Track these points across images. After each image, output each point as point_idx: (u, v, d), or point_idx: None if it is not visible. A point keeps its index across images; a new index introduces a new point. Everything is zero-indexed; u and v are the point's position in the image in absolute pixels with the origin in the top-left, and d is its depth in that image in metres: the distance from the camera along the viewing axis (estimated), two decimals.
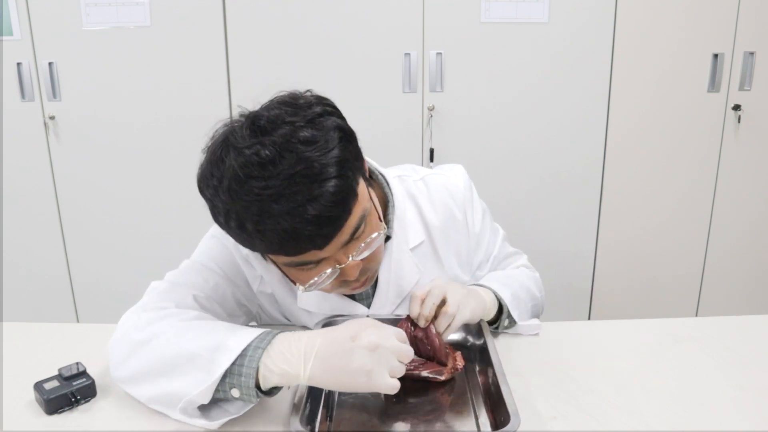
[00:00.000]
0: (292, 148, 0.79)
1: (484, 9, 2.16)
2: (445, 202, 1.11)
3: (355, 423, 0.85)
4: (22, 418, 0.86)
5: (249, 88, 2.21)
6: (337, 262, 0.87)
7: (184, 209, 2.32)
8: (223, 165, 0.81)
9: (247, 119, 0.84)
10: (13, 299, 2.41)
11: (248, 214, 0.79)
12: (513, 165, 2.31)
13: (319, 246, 0.83)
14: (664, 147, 2.34)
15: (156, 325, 0.88)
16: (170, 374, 0.83)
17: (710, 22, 2.20)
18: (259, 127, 0.82)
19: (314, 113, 0.84)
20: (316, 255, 0.84)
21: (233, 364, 0.79)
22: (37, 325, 1.15)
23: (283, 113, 0.83)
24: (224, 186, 0.81)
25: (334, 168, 0.80)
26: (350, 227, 0.85)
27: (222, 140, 0.85)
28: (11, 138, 2.24)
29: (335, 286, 0.93)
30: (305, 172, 0.78)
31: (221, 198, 0.82)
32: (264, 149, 0.79)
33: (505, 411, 0.80)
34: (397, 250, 1.06)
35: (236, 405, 0.84)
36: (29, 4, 2.11)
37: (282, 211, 0.78)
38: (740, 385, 0.93)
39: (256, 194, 0.78)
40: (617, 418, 0.85)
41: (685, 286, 2.50)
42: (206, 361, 0.80)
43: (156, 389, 0.84)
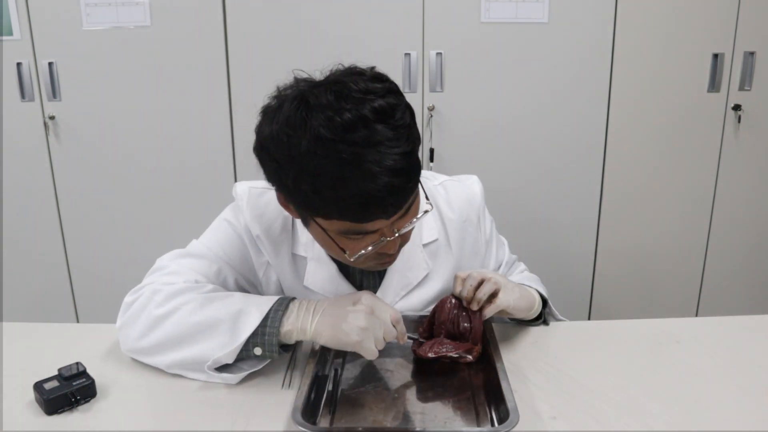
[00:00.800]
0: (372, 114, 0.81)
1: (484, 9, 2.16)
2: (462, 206, 1.15)
3: (357, 418, 0.86)
4: (22, 418, 0.86)
5: (249, 88, 2.21)
6: (383, 234, 0.90)
7: (184, 209, 2.32)
8: (304, 126, 0.82)
9: (329, 84, 0.85)
10: (13, 299, 2.41)
11: (327, 177, 0.81)
12: (513, 165, 2.31)
13: (388, 215, 0.86)
14: (664, 147, 2.33)
15: (176, 299, 0.95)
16: (194, 340, 0.92)
17: (710, 22, 2.20)
18: (344, 94, 0.83)
19: (392, 85, 0.88)
20: (376, 225, 0.87)
21: (258, 326, 0.90)
22: (37, 325, 1.15)
23: (365, 81, 0.85)
24: (303, 147, 0.81)
25: (410, 140, 0.84)
26: (410, 201, 0.89)
27: (301, 103, 0.84)
28: (11, 138, 2.24)
29: (371, 256, 0.94)
30: (387, 141, 0.81)
31: (297, 159, 0.82)
32: (347, 113, 0.81)
33: (504, 408, 0.81)
34: (409, 244, 1.06)
35: (251, 362, 0.94)
36: (29, 4, 2.11)
37: (362, 177, 0.80)
38: (740, 385, 0.93)
39: (338, 158, 0.80)
40: (617, 418, 0.85)
41: (685, 286, 2.50)
42: (229, 326, 0.91)
43: (180, 355, 0.93)
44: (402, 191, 0.85)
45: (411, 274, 1.10)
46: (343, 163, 0.80)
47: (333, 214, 0.86)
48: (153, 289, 0.98)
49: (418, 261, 1.10)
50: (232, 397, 0.90)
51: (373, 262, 0.98)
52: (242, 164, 2.29)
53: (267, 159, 0.88)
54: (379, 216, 0.85)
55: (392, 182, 0.82)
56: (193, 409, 0.88)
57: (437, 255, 1.12)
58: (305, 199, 0.86)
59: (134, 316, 0.97)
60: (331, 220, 0.87)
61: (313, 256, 1.08)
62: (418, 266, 1.11)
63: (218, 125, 2.25)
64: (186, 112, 2.24)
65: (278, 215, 1.08)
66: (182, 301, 0.95)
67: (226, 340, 0.90)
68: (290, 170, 0.84)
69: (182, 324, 0.93)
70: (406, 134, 0.84)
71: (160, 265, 1.05)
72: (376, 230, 0.89)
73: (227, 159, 2.29)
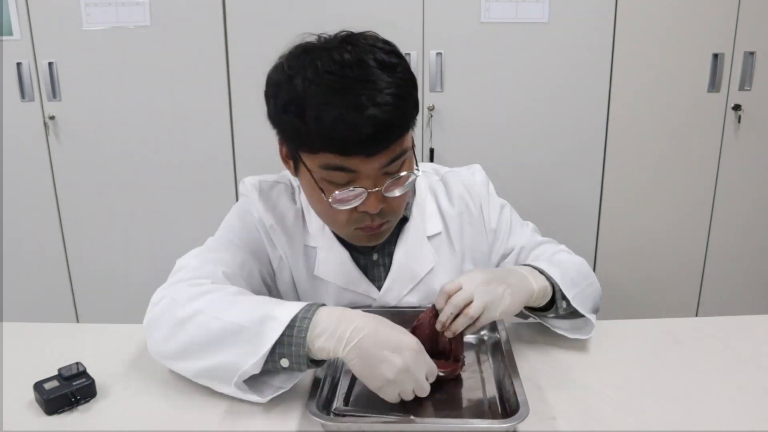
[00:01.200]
0: (373, 62, 0.87)
1: (484, 9, 2.16)
2: (461, 197, 1.15)
3: (371, 411, 0.86)
4: (22, 418, 0.86)
5: (249, 87, 2.20)
6: (365, 186, 0.91)
7: (184, 209, 2.32)
8: (306, 57, 0.89)
9: (341, 34, 0.93)
10: (13, 299, 2.41)
11: (314, 102, 0.85)
12: (513, 164, 2.31)
13: (368, 152, 0.88)
14: (664, 147, 2.33)
15: (198, 300, 0.90)
16: (217, 348, 0.86)
17: (710, 21, 2.20)
18: (350, 40, 0.91)
19: (398, 51, 0.93)
20: (358, 165, 0.89)
21: (282, 335, 0.83)
22: (37, 325, 1.15)
23: (376, 37, 0.93)
24: (299, 77, 0.87)
25: (401, 88, 0.88)
26: (395, 151, 0.91)
27: (308, 44, 0.92)
28: (11, 138, 2.24)
29: (353, 218, 0.95)
30: (380, 82, 0.86)
31: (292, 87, 0.88)
32: (347, 54, 0.87)
33: (515, 401, 0.83)
34: (414, 235, 1.10)
35: (281, 377, 0.88)
36: (29, 4, 2.11)
37: (347, 105, 0.84)
38: (740, 385, 0.93)
39: (329, 86, 0.85)
40: (617, 418, 0.85)
41: (685, 286, 2.50)
42: (254, 333, 0.83)
43: (204, 363, 0.87)
44: (385, 128, 0.86)
45: (417, 266, 1.10)
46: (333, 91, 0.85)
47: (316, 142, 0.88)
48: (177, 289, 0.94)
49: (424, 253, 1.11)
50: (233, 397, 0.90)
51: (358, 231, 0.98)
52: (242, 164, 2.29)
53: (268, 92, 0.93)
54: (359, 150, 0.87)
55: (376, 115, 0.85)
56: (193, 409, 0.88)
57: (440, 249, 1.13)
58: (294, 128, 0.89)
59: (159, 317, 0.92)
60: (317, 154, 0.89)
61: (324, 245, 1.09)
62: (424, 258, 1.11)
63: (218, 125, 2.25)
64: (186, 112, 2.24)
65: (289, 207, 1.10)
66: (205, 303, 0.89)
67: (250, 349, 0.83)
68: (284, 96, 0.89)
69: (204, 328, 0.87)
70: (402, 86, 0.88)
71: (182, 265, 1.01)
72: (357, 177, 0.90)
73: (227, 159, 2.29)
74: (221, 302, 0.89)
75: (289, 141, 0.94)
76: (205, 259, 1.01)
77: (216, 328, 0.86)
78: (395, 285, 1.10)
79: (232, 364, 0.84)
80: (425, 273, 1.11)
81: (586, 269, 1.13)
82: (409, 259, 1.10)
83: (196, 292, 0.92)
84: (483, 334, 1.07)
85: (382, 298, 1.10)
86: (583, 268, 1.13)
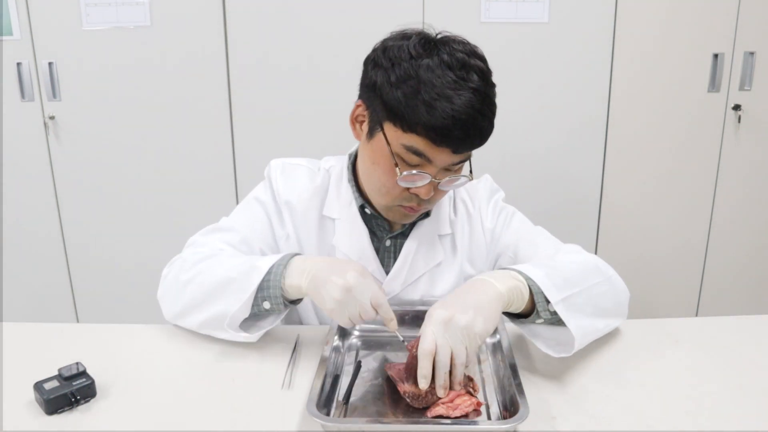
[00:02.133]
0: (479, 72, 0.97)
1: (484, 9, 2.16)
2: (463, 201, 1.20)
3: (370, 411, 0.87)
4: (22, 418, 0.86)
5: (249, 88, 2.21)
6: (432, 175, 0.99)
7: (184, 209, 2.33)
8: (428, 46, 0.97)
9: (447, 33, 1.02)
10: (13, 299, 2.41)
11: (433, 90, 0.93)
12: (512, 165, 2.31)
13: (457, 150, 0.97)
14: (664, 147, 2.34)
15: (198, 265, 1.03)
16: (213, 299, 0.99)
17: (710, 22, 2.21)
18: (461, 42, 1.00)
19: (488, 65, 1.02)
20: (439, 155, 0.96)
21: (262, 280, 0.96)
22: (37, 325, 1.15)
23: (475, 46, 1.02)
24: (423, 62, 0.95)
25: (494, 103, 0.99)
26: (469, 153, 1.01)
27: (427, 33, 1.01)
28: (11, 138, 2.24)
29: (404, 196, 1.03)
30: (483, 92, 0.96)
31: (413, 67, 0.95)
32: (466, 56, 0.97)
33: (515, 401, 0.83)
34: (426, 231, 1.16)
35: (269, 319, 1.01)
36: (29, 4, 2.11)
37: (459, 103, 0.93)
38: (740, 385, 0.93)
39: (448, 80, 0.94)
40: (617, 418, 0.85)
41: (685, 286, 2.50)
42: (241, 281, 0.97)
43: (204, 314, 1.01)
44: (479, 133, 0.96)
45: (424, 259, 1.15)
46: (449, 86, 0.93)
47: (417, 125, 0.94)
48: (182, 258, 1.08)
49: (434, 247, 1.16)
50: (233, 397, 0.90)
51: (400, 207, 1.05)
52: (242, 163, 2.29)
53: (381, 60, 0.98)
54: (450, 145, 0.95)
55: (477, 119, 0.94)
56: (193, 409, 0.88)
57: (447, 249, 1.17)
58: (401, 101, 0.94)
59: (167, 285, 1.07)
60: (406, 134, 0.96)
61: (347, 217, 1.14)
62: (433, 252, 1.16)
63: (218, 125, 2.25)
64: (186, 112, 2.24)
65: (308, 185, 1.16)
66: (204, 266, 1.02)
67: (238, 296, 0.96)
68: (401, 72, 0.95)
69: (202, 284, 1.01)
70: (494, 99, 0.99)
71: (191, 241, 1.13)
72: (431, 162, 0.97)
73: (227, 159, 2.29)
74: (217, 262, 1.03)
75: (384, 110, 0.98)
76: (210, 237, 1.12)
77: (212, 281, 1.00)
78: (401, 273, 1.14)
79: (225, 311, 0.97)
80: (430, 267, 1.15)
81: (592, 268, 1.05)
82: (418, 253, 1.15)
83: (197, 258, 1.05)
84: None
85: (388, 284, 1.14)
86: (590, 267, 1.04)
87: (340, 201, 1.15)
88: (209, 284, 1.00)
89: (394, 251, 1.16)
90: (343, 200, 1.15)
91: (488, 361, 1.01)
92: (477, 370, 0.98)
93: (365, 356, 1.02)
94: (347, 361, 1.01)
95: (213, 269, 1.02)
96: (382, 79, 0.97)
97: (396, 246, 1.16)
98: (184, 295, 1.03)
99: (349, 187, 1.15)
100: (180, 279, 1.04)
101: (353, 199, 1.14)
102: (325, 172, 1.18)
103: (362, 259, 1.13)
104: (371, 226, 1.15)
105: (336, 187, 1.16)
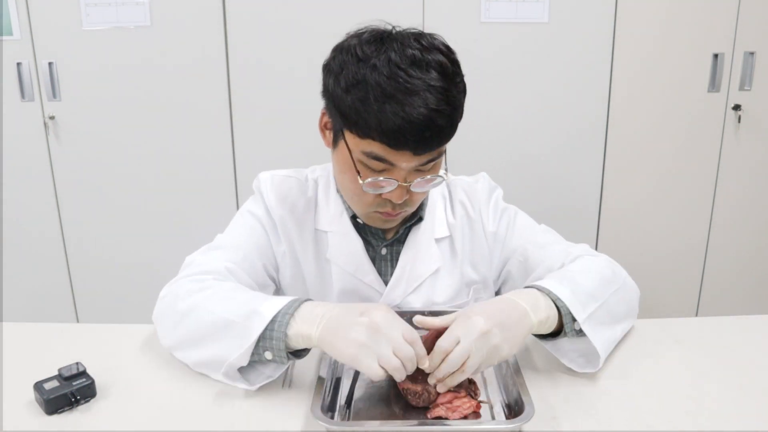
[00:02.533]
0: (438, 67, 0.92)
1: (484, 9, 2.16)
2: (462, 203, 1.17)
3: (373, 413, 0.86)
4: (22, 418, 0.86)
5: (249, 88, 2.21)
6: (399, 179, 0.96)
7: (184, 209, 2.33)
8: (380, 46, 0.93)
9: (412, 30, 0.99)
10: (13, 299, 2.41)
11: (380, 92, 0.89)
12: (512, 165, 2.31)
13: (416, 152, 0.92)
14: (664, 147, 2.34)
15: (196, 295, 0.96)
16: (211, 341, 0.91)
17: (710, 21, 2.20)
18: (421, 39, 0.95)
19: (458, 60, 0.98)
20: (401, 159, 0.93)
21: (265, 329, 0.86)
22: (37, 325, 1.15)
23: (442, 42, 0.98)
24: (370, 62, 0.91)
25: (457, 99, 0.94)
26: (433, 154, 0.96)
27: (383, 31, 0.98)
28: (11, 138, 2.24)
29: (377, 202, 1.00)
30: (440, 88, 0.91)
31: (361, 70, 0.91)
32: (418, 52, 0.92)
33: (519, 401, 0.83)
34: (422, 236, 1.13)
35: (271, 367, 0.91)
36: (29, 4, 2.11)
37: (410, 104, 0.89)
38: (740, 385, 0.93)
39: (397, 81, 0.89)
40: (617, 418, 0.85)
41: (685, 286, 2.50)
42: (242, 327, 0.88)
43: (200, 354, 0.93)
44: (438, 133, 0.91)
45: (423, 265, 1.12)
46: (399, 87, 0.89)
47: (370, 131, 0.91)
48: (180, 284, 1.00)
49: (430, 253, 1.13)
50: (232, 397, 0.90)
51: (377, 214, 1.02)
52: (242, 164, 2.29)
53: (332, 65, 0.96)
54: (408, 148, 0.91)
55: (433, 119, 0.90)
56: (193, 409, 0.88)
57: (445, 252, 1.14)
58: (352, 107, 0.92)
59: (163, 309, 1.00)
60: (363, 140, 0.93)
61: (338, 230, 1.11)
62: (430, 258, 1.12)
63: (218, 125, 2.25)
64: (186, 112, 2.24)
65: (299, 198, 1.13)
66: (201, 298, 0.95)
67: (238, 342, 0.87)
68: (350, 77, 0.92)
69: (198, 322, 0.93)
70: (458, 96, 0.94)
71: (190, 261, 1.07)
72: (395, 166, 0.94)
73: (227, 159, 2.29)
74: (216, 297, 0.95)
75: (339, 118, 0.96)
76: (211, 256, 1.06)
77: (209, 322, 0.92)
78: (401, 282, 1.11)
79: (223, 356, 0.89)
80: (430, 273, 1.12)
81: (608, 273, 1.05)
82: (416, 259, 1.12)
83: (195, 288, 0.97)
84: None
85: (388, 295, 1.11)
86: (605, 272, 1.04)
87: (330, 213, 1.12)
88: (206, 324, 0.92)
89: (391, 259, 1.13)
90: (333, 212, 1.12)
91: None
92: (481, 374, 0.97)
93: None
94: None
95: (211, 305, 0.93)
96: (333, 85, 0.95)
97: (392, 254, 1.13)
98: (179, 329, 0.96)
99: (338, 197, 1.12)
100: (177, 308, 0.96)
101: (344, 209, 1.11)
102: (314, 183, 1.15)
103: (359, 271, 1.10)
104: (365, 236, 1.12)
105: (325, 199, 1.13)
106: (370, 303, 0.93)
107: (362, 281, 1.11)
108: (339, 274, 1.11)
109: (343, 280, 1.11)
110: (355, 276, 1.11)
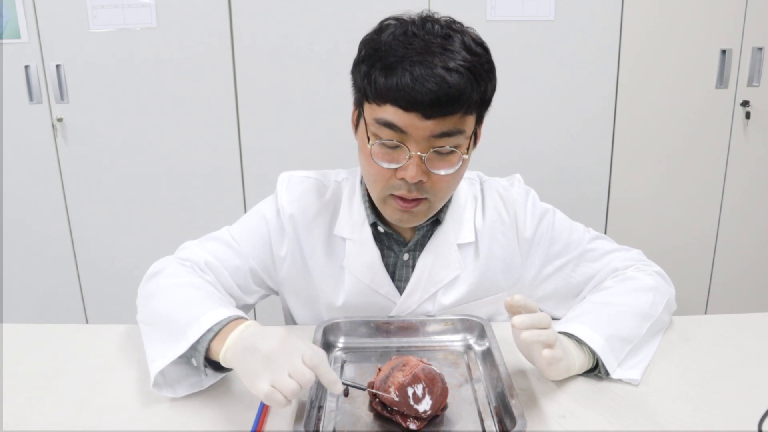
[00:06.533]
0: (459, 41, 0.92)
1: (490, 7, 2.16)
2: (495, 207, 1.13)
3: (359, 426, 0.84)
4: (22, 418, 0.86)
5: (256, 88, 2.21)
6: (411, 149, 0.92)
7: (192, 210, 2.33)
8: (398, 22, 0.94)
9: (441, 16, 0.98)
10: (23, 301, 2.43)
11: (392, 56, 0.89)
12: (519, 163, 2.30)
13: (427, 113, 0.89)
14: (672, 144, 2.32)
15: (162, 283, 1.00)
16: (153, 332, 0.93)
17: (718, 17, 2.19)
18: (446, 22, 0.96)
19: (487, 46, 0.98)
20: (410, 125, 0.90)
21: (201, 337, 0.86)
22: (37, 325, 1.15)
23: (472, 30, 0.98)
24: (387, 32, 0.93)
25: (476, 68, 0.91)
26: (449, 124, 0.91)
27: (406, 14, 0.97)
28: (20, 140, 2.26)
29: (392, 183, 0.96)
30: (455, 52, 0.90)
31: (378, 38, 0.93)
32: (438, 26, 0.93)
33: (510, 414, 0.80)
34: (444, 240, 1.09)
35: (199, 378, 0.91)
36: (36, 7, 2.13)
37: (421, 63, 0.87)
38: (752, 383, 0.92)
39: (409, 44, 0.89)
40: (626, 417, 0.85)
41: (694, 283, 2.49)
42: (179, 332, 0.88)
43: (145, 339, 0.94)
44: (448, 92, 0.88)
45: (443, 271, 1.09)
46: (412, 50, 0.88)
47: (380, 92, 0.90)
48: (157, 267, 1.06)
49: (451, 259, 1.09)
50: (231, 397, 0.90)
51: (393, 199, 0.98)
52: (249, 165, 2.30)
53: (358, 55, 0.96)
54: (418, 108, 0.88)
55: (444, 77, 0.87)
56: (192, 410, 0.88)
57: (467, 258, 1.10)
58: (366, 72, 0.92)
59: (141, 286, 1.05)
60: (378, 106, 0.92)
61: (358, 239, 1.09)
62: (450, 264, 1.09)
63: (225, 126, 2.26)
64: (193, 113, 2.24)
65: (315, 201, 1.12)
66: (164, 288, 0.98)
67: (170, 345, 0.88)
68: (366, 50, 0.94)
69: (152, 313, 0.96)
70: (478, 67, 0.91)
71: (185, 245, 1.11)
72: (407, 135, 0.91)
73: (234, 160, 2.29)
74: (173, 291, 0.97)
75: (357, 93, 0.97)
76: (202, 246, 1.10)
77: (160, 312, 0.94)
78: (417, 289, 1.09)
79: (155, 351, 0.89)
80: (449, 280, 1.09)
81: (648, 303, 1.04)
82: (435, 264, 1.09)
83: (172, 272, 1.02)
84: (470, 340, 1.04)
85: (403, 302, 1.09)
86: (644, 304, 1.03)
87: (352, 220, 1.10)
88: (157, 314, 0.94)
89: (413, 264, 1.10)
90: (356, 219, 1.09)
91: (479, 370, 0.96)
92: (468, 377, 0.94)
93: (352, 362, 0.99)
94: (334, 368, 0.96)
95: (166, 297, 0.96)
96: (355, 61, 0.97)
97: (414, 259, 1.10)
98: (143, 306, 1.00)
99: (361, 204, 1.10)
100: (145, 289, 1.02)
101: (366, 217, 1.09)
102: (337, 185, 1.13)
103: (374, 281, 1.09)
104: (388, 244, 1.10)
105: (348, 205, 1.11)
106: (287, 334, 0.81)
107: (378, 292, 1.09)
108: (353, 283, 1.10)
109: (359, 290, 1.10)
110: (370, 287, 1.09)
